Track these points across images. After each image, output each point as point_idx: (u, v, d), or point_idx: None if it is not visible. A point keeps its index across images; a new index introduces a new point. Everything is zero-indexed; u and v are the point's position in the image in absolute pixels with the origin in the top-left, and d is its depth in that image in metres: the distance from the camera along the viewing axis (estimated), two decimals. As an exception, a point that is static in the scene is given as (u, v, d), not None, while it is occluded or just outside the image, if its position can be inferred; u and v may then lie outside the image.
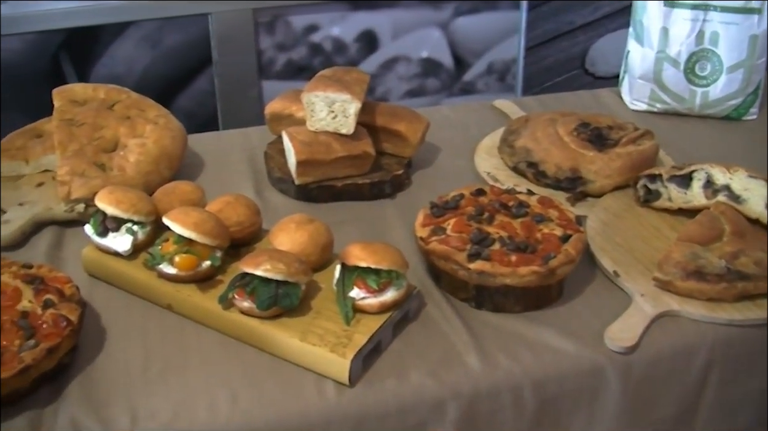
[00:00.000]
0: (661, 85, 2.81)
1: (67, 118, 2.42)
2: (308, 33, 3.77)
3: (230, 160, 2.59)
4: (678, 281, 1.94)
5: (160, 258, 1.90)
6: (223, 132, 2.84)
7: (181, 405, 1.69)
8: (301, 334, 1.76)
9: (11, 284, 1.85)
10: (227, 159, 2.60)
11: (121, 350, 1.84)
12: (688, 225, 2.10)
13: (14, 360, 1.65)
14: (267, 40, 3.73)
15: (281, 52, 3.78)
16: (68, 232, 2.26)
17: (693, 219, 2.11)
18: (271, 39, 3.74)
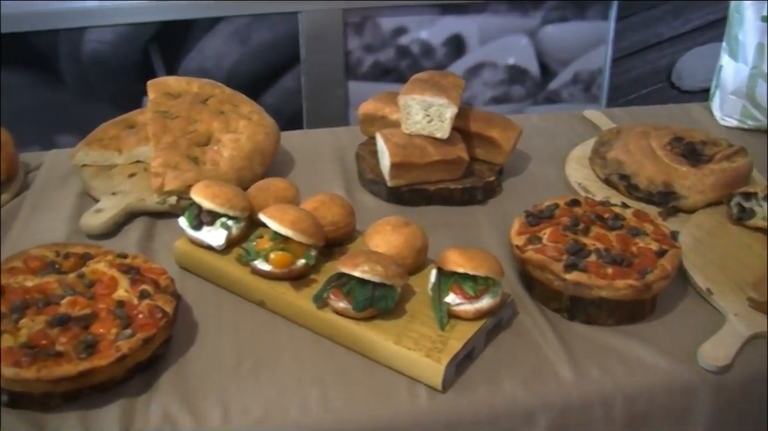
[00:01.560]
0: (754, 101, 2.77)
1: (161, 110, 2.43)
2: (396, 35, 3.76)
3: (320, 159, 2.58)
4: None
5: (255, 254, 1.90)
6: (313, 130, 2.84)
7: (273, 403, 1.69)
8: (395, 337, 1.75)
9: (107, 273, 1.86)
10: (317, 158, 2.59)
11: (213, 344, 1.84)
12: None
13: (111, 348, 1.66)
14: (355, 41, 3.73)
15: (369, 53, 3.78)
16: (159, 224, 2.27)
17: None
18: (359, 40, 3.73)
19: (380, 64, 3.81)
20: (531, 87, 4.06)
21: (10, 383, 1.62)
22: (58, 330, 1.69)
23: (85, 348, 1.65)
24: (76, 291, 1.81)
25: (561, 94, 4.11)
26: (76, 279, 1.85)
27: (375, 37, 3.75)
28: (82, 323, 1.71)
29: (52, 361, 1.62)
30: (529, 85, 4.05)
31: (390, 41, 3.77)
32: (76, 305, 1.76)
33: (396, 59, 3.82)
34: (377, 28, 3.73)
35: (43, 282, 1.84)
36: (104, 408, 1.67)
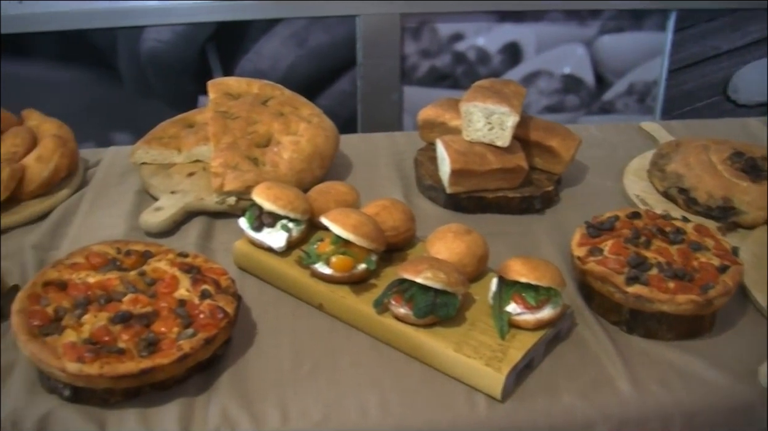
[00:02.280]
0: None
1: (221, 111, 2.44)
2: (453, 41, 3.76)
3: (378, 164, 2.58)
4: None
5: (316, 257, 1.90)
6: (370, 134, 2.84)
7: (332, 407, 1.69)
8: (455, 345, 1.74)
9: (168, 272, 1.87)
10: (375, 162, 2.59)
11: (271, 346, 1.84)
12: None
13: (172, 347, 1.67)
14: (412, 46, 3.73)
15: (425, 58, 3.77)
16: (217, 223, 2.28)
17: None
18: (416, 45, 3.73)
19: (436, 70, 3.80)
20: (585, 97, 4.04)
21: (73, 378, 1.62)
22: (120, 327, 1.70)
23: (147, 346, 1.66)
24: (137, 289, 1.81)
25: (615, 105, 4.09)
26: (137, 276, 1.86)
27: (432, 43, 3.75)
28: (143, 321, 1.72)
29: (115, 358, 1.63)
30: (583, 95, 4.03)
31: (446, 47, 3.76)
32: (137, 303, 1.77)
33: (452, 65, 3.81)
34: (434, 33, 3.72)
35: (105, 279, 1.85)
36: (164, 406, 1.68)
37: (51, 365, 1.63)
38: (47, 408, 1.67)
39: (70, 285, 1.83)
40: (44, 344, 1.66)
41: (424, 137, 2.54)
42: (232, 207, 2.26)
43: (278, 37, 3.65)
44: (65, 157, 2.43)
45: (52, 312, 1.75)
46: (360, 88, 3.73)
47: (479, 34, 3.78)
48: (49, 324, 1.72)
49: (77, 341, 1.67)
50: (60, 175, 2.42)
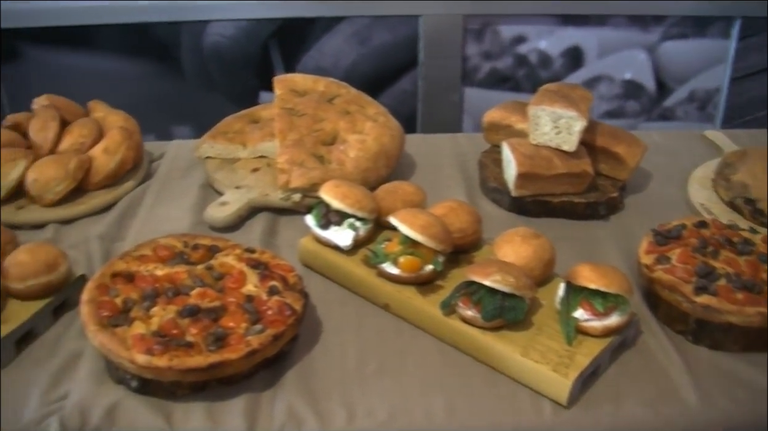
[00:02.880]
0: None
1: (288, 107, 2.44)
2: (515, 44, 3.74)
3: (441, 164, 2.58)
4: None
5: (384, 257, 1.90)
6: (433, 135, 2.83)
7: (398, 407, 1.68)
8: (522, 349, 1.73)
9: (236, 267, 1.87)
10: (438, 163, 2.59)
11: (337, 344, 1.84)
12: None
13: (241, 342, 1.67)
14: (474, 47, 3.72)
15: (486, 60, 3.76)
16: (282, 220, 2.29)
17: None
18: (477, 46, 3.72)
19: (497, 72, 3.79)
20: (646, 103, 4.01)
21: (142, 370, 1.63)
22: (188, 320, 1.71)
23: (215, 341, 1.66)
24: (205, 283, 1.82)
25: (676, 112, 4.06)
26: (204, 271, 1.86)
27: (493, 45, 3.74)
28: (211, 315, 1.72)
29: (183, 351, 1.63)
30: (644, 101, 4.01)
31: (508, 49, 3.75)
32: (205, 297, 1.78)
33: (513, 68, 3.80)
34: (496, 35, 3.71)
35: (173, 272, 1.85)
36: (230, 401, 1.68)
37: (120, 356, 1.64)
38: (115, 399, 1.68)
39: (137, 277, 1.84)
40: (113, 335, 1.67)
41: (488, 139, 2.53)
42: (296, 204, 2.26)
43: (341, 35, 3.65)
44: (131, 149, 2.44)
45: (120, 303, 1.76)
46: (421, 88, 3.73)
47: (541, 37, 3.76)
48: (117, 315, 1.73)
49: (146, 333, 1.67)
50: (126, 167, 2.44)
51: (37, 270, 1.87)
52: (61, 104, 2.59)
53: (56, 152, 2.41)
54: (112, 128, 2.48)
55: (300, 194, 2.25)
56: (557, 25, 3.75)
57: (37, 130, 2.45)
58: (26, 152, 2.37)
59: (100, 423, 1.64)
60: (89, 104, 2.67)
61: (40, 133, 2.44)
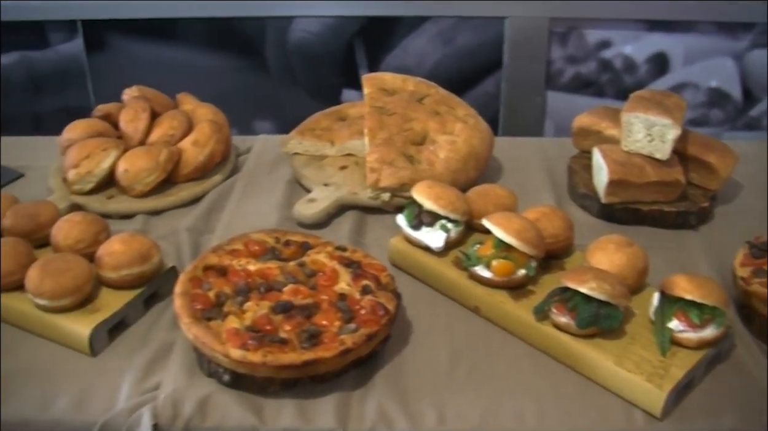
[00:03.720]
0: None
1: (377, 106, 2.44)
2: (600, 48, 3.71)
3: (529, 169, 2.57)
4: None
5: (476, 259, 1.89)
6: (520, 139, 2.82)
7: (489, 411, 1.67)
8: (616, 358, 1.71)
9: (328, 264, 1.87)
10: (526, 167, 2.58)
11: (427, 345, 1.84)
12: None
13: (334, 340, 1.67)
14: (558, 51, 3.69)
15: (570, 64, 3.73)
16: (369, 219, 2.29)
17: None
18: (562, 50, 3.69)
19: (581, 76, 3.76)
20: (731, 111, 3.95)
21: (235, 364, 1.64)
22: (281, 317, 1.71)
23: (309, 338, 1.66)
24: (297, 280, 1.82)
25: (761, 122, 3.99)
26: (297, 267, 1.87)
27: (578, 49, 3.70)
28: (304, 312, 1.72)
29: (277, 348, 1.64)
30: (729, 110, 3.95)
31: (593, 54, 3.72)
32: (298, 294, 1.78)
33: (597, 72, 3.76)
34: (581, 39, 3.68)
35: (265, 268, 1.86)
36: (321, 398, 1.68)
37: (214, 350, 1.64)
38: (207, 392, 1.69)
39: (230, 271, 1.85)
40: (208, 328, 1.68)
41: (577, 144, 2.51)
42: (385, 203, 2.26)
43: (425, 34, 3.64)
44: (220, 142, 2.46)
45: (213, 296, 1.77)
46: (504, 91, 3.70)
47: (627, 42, 3.72)
48: (210, 308, 1.74)
49: (240, 328, 1.68)
50: (215, 160, 2.45)
51: (131, 260, 1.89)
52: (151, 95, 2.61)
53: (146, 143, 2.43)
54: (201, 121, 2.49)
55: (389, 193, 2.25)
56: (643, 31, 3.71)
57: (127, 120, 2.47)
58: (117, 142, 2.40)
59: (192, 416, 1.65)
60: (178, 96, 2.69)
61: (131, 123, 2.46)
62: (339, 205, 2.27)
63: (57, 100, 4.02)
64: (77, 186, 2.34)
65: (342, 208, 2.29)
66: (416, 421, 1.64)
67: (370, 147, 2.31)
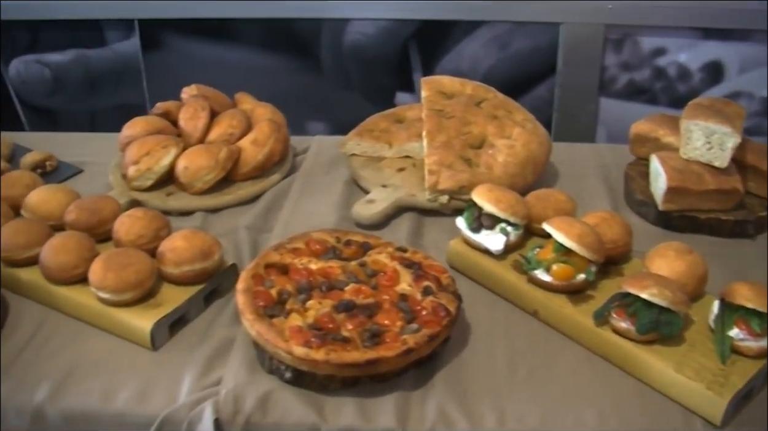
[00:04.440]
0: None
1: (436, 109, 2.45)
2: (654, 56, 3.69)
3: (584, 174, 2.56)
4: None
5: (536, 263, 1.89)
6: (575, 144, 2.81)
7: (549, 414, 1.68)
8: (676, 365, 1.71)
9: (389, 265, 1.88)
10: (582, 172, 2.57)
11: (486, 347, 1.84)
12: None
13: (396, 340, 1.68)
14: (612, 57, 3.68)
15: (624, 71, 3.72)
16: (427, 221, 2.30)
17: None
18: (616, 57, 3.68)
19: (634, 84, 3.74)
20: (786, 121, 3.93)
21: (298, 361, 1.65)
22: (343, 316, 1.73)
23: (371, 337, 1.68)
24: (359, 280, 1.84)
25: (816, 132, 3.97)
26: (358, 267, 1.88)
27: (633, 56, 3.69)
28: (366, 312, 1.74)
29: (340, 346, 1.65)
30: (783, 119, 3.93)
31: (647, 61, 3.70)
32: (360, 293, 1.79)
33: (651, 80, 3.75)
34: (636, 46, 3.67)
35: (327, 267, 1.87)
36: (381, 398, 1.70)
37: (277, 347, 1.66)
38: (268, 388, 1.71)
39: (291, 270, 1.86)
40: (271, 325, 1.69)
41: (634, 151, 2.51)
42: (443, 205, 2.27)
43: (480, 39, 3.64)
44: (279, 142, 2.48)
45: (275, 294, 1.78)
46: (557, 96, 3.70)
47: (682, 50, 3.71)
48: (273, 305, 1.75)
49: (303, 326, 1.69)
50: (273, 160, 2.47)
51: (193, 256, 1.91)
52: (210, 94, 2.63)
53: (205, 142, 2.45)
54: (260, 120, 2.51)
55: (447, 196, 2.25)
56: (699, 39, 3.69)
57: (187, 118, 2.50)
58: (177, 140, 2.42)
59: (252, 412, 1.67)
60: (236, 96, 2.71)
61: (191, 122, 2.49)
62: (397, 207, 2.29)
63: (112, 97, 4.06)
64: (137, 182, 2.37)
65: (400, 209, 2.30)
66: (476, 422, 1.65)
67: (429, 149, 2.32)
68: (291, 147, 2.62)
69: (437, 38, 3.65)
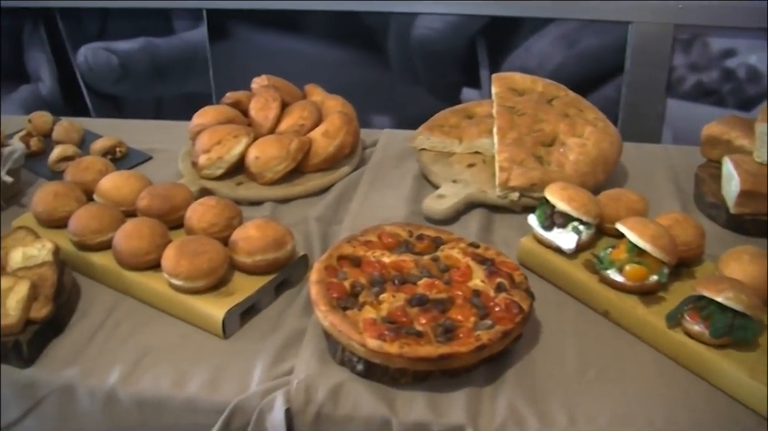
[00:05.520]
0: None
1: (507, 106, 2.44)
2: (724, 57, 3.66)
3: (654, 175, 2.54)
4: None
5: (609, 263, 1.88)
6: (644, 145, 2.79)
7: (619, 415, 1.67)
8: (749, 370, 1.69)
9: (462, 261, 1.89)
10: (651, 173, 2.55)
11: (556, 346, 1.84)
12: None
13: (470, 336, 1.68)
14: (681, 58, 3.65)
15: (693, 72, 3.69)
16: (496, 217, 2.30)
17: None
18: (685, 57, 3.65)
19: (702, 85, 3.71)
20: None
21: (371, 354, 1.66)
22: (417, 310, 1.73)
23: (444, 332, 1.68)
24: (431, 274, 1.84)
25: None
26: (430, 262, 1.88)
27: (701, 57, 3.66)
28: (440, 307, 1.74)
29: (413, 340, 1.65)
30: None
31: (716, 62, 3.67)
32: (433, 288, 1.80)
33: (719, 82, 3.72)
34: (706, 47, 3.63)
35: (399, 260, 1.88)
36: (452, 393, 1.70)
37: (351, 338, 1.67)
38: (339, 380, 1.72)
39: (364, 262, 1.87)
40: (345, 317, 1.70)
41: (705, 153, 2.48)
42: (513, 202, 2.26)
43: (549, 36, 3.63)
44: (350, 134, 2.48)
45: (348, 286, 1.79)
46: (624, 96, 3.68)
47: (753, 51, 3.67)
48: (346, 297, 1.76)
49: (377, 318, 1.70)
50: (344, 152, 2.48)
51: (265, 246, 1.93)
52: (280, 85, 2.65)
53: (276, 132, 2.47)
54: (331, 113, 2.52)
55: (517, 193, 2.25)
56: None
57: (258, 109, 2.51)
58: (248, 129, 2.44)
59: (324, 402, 1.68)
60: (306, 87, 2.73)
61: (261, 112, 2.50)
62: (467, 202, 2.29)
63: (179, 86, 4.10)
64: (207, 171, 2.38)
65: (469, 205, 2.30)
66: (547, 421, 1.65)
67: (500, 146, 2.32)
68: (360, 140, 2.62)
69: (505, 35, 3.65)
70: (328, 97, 2.63)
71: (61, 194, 2.15)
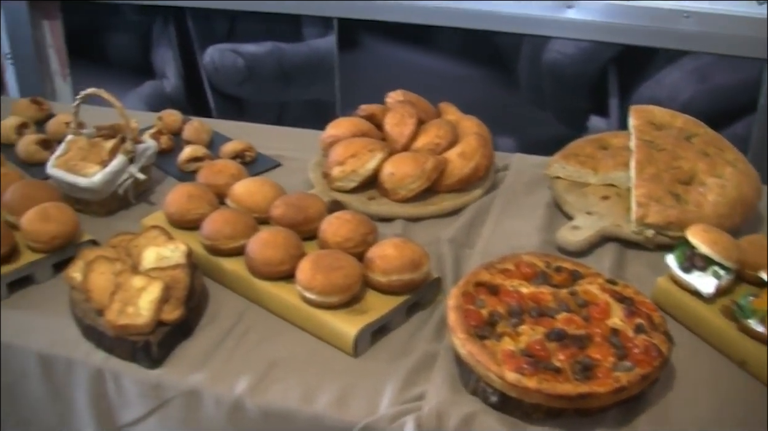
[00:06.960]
0: None
1: (646, 140, 2.41)
2: None
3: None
4: None
5: (750, 312, 1.84)
6: None
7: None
8: None
9: (600, 297, 1.86)
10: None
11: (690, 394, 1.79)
12: None
13: (609, 376, 1.65)
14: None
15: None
16: (630, 253, 2.26)
17: None
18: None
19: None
20: None
21: (508, 387, 1.64)
22: (555, 344, 1.71)
23: (582, 370, 1.66)
24: (570, 309, 1.82)
25: None
26: (568, 296, 1.86)
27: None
28: (578, 343, 1.72)
29: (552, 376, 1.64)
30: None
31: None
32: (572, 323, 1.77)
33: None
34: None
35: (538, 292, 1.86)
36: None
37: (489, 369, 1.65)
38: (471, 410, 1.70)
39: (502, 291, 1.85)
40: (483, 346, 1.69)
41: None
42: (648, 239, 2.23)
43: (682, 69, 3.58)
44: (485, 157, 2.47)
45: (486, 314, 1.78)
46: (754, 135, 3.61)
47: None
48: (483, 326, 1.75)
49: (516, 351, 1.68)
50: (478, 174, 2.47)
51: (402, 266, 1.92)
52: (415, 101, 2.64)
53: (411, 149, 2.46)
54: (467, 133, 2.51)
55: (653, 230, 2.21)
56: None
57: (393, 124, 2.51)
58: (383, 144, 2.44)
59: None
60: (441, 106, 2.72)
61: (397, 128, 2.50)
62: (601, 236, 2.26)
63: (303, 92, 4.13)
64: (340, 183, 2.39)
65: (603, 238, 2.27)
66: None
67: (638, 181, 2.29)
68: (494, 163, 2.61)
69: (638, 64, 3.61)
70: (464, 117, 2.62)
71: (195, 196, 2.18)
